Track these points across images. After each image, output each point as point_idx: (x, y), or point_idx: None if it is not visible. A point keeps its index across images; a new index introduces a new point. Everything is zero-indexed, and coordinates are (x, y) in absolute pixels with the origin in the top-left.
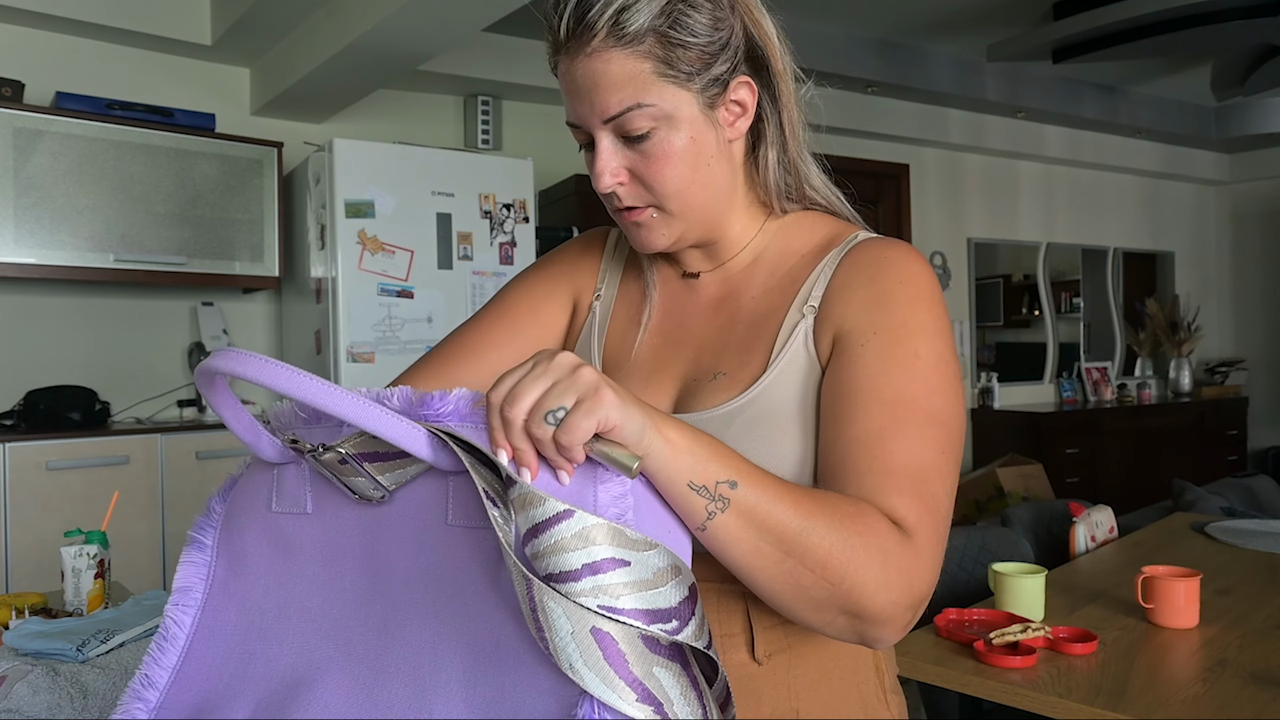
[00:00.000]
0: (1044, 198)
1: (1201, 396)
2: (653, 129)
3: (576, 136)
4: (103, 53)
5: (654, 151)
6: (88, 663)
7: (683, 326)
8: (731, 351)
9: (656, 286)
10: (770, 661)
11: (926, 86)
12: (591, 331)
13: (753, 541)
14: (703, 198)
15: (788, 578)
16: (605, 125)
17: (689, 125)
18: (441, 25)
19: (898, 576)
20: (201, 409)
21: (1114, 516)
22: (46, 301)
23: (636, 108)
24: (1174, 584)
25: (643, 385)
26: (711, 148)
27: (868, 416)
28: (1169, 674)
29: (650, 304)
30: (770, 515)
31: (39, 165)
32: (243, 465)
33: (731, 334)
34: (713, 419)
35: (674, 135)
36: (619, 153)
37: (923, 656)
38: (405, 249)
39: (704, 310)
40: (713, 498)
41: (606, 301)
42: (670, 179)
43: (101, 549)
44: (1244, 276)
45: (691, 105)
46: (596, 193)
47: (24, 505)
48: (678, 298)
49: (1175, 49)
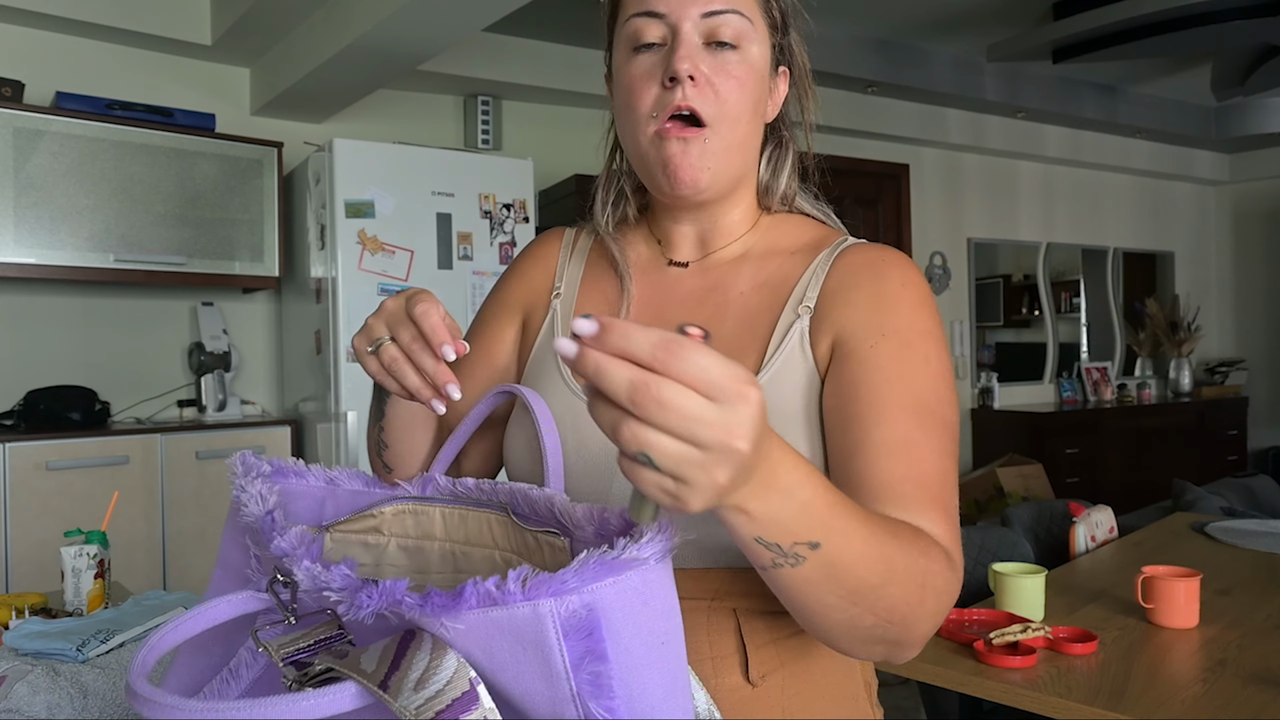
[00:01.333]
0: (1044, 198)
1: (1201, 396)
2: (740, 44)
3: (644, 31)
4: (103, 53)
5: (733, 65)
6: (88, 663)
7: (663, 319)
8: (719, 347)
9: (633, 277)
10: (764, 683)
11: (927, 86)
12: (554, 328)
13: (820, 593)
14: (743, 135)
15: (849, 621)
16: (701, 20)
17: (760, 66)
18: (441, 25)
19: (943, 610)
20: (201, 409)
21: (1114, 516)
22: (46, 301)
23: (738, 13)
24: (1174, 584)
25: None
26: (763, 102)
27: (892, 422)
28: (1169, 674)
29: (628, 295)
30: (850, 572)
31: (39, 165)
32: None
33: (719, 329)
34: None
35: (751, 61)
36: (699, 54)
37: (923, 657)
38: (405, 249)
39: (687, 302)
40: (784, 554)
41: (568, 298)
42: (737, 99)
43: (101, 549)
44: (1244, 276)
45: (765, 52)
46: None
47: (24, 505)
48: (658, 288)
49: (1175, 49)
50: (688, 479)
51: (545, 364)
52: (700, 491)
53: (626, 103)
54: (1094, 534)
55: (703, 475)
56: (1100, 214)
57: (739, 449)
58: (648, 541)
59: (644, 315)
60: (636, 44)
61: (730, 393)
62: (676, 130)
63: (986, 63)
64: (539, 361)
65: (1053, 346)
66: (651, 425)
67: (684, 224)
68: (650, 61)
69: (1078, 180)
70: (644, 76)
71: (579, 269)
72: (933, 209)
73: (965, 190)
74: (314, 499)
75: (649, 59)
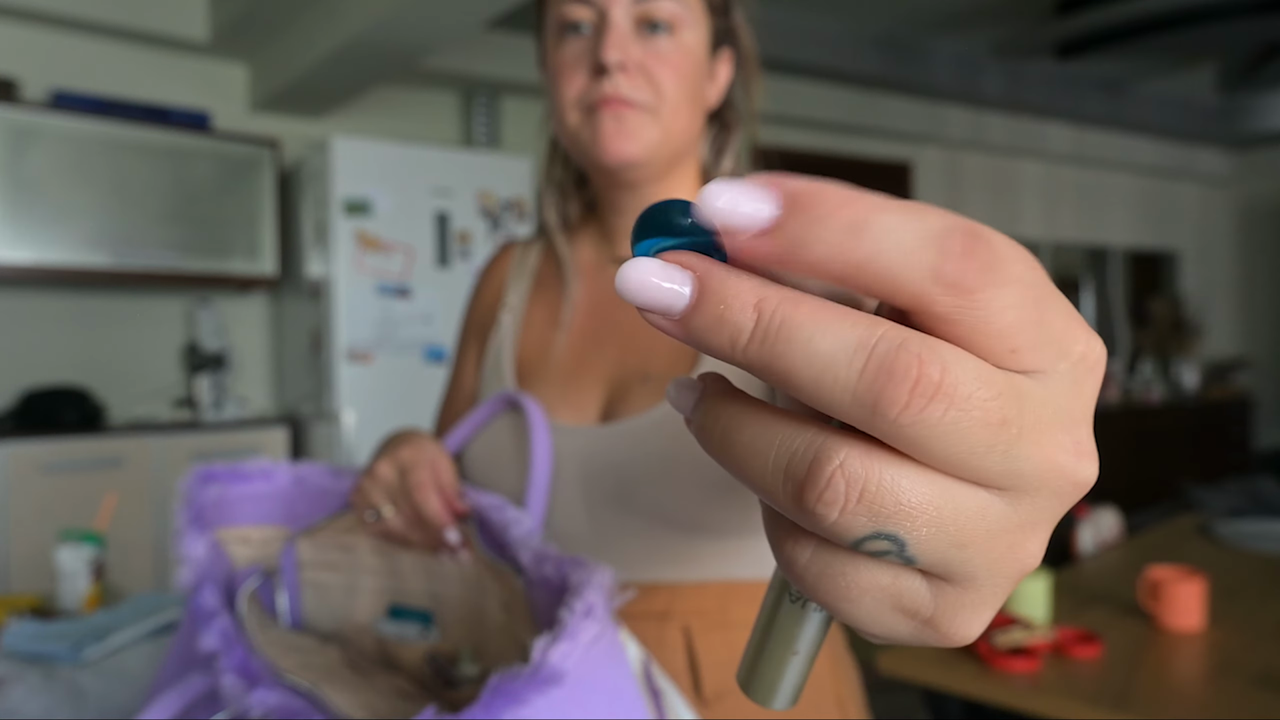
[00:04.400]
0: (1047, 196)
1: (1207, 397)
2: (675, 25)
3: (571, 13)
4: (98, 50)
5: (669, 51)
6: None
7: (608, 322)
8: (660, 351)
9: (579, 279)
10: (720, 703)
11: (929, 83)
12: (502, 342)
13: None
14: (684, 124)
15: None
16: (633, 3)
17: (697, 49)
18: (440, 22)
19: None
20: (197, 409)
21: (1119, 518)
22: (42, 301)
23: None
24: (1179, 586)
25: (562, 389)
26: (702, 84)
27: None
28: (1174, 677)
29: (569, 300)
30: None
31: (34, 164)
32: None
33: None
34: (641, 427)
35: (687, 46)
36: (631, 40)
37: (926, 659)
38: (403, 247)
39: (629, 304)
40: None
41: (515, 308)
42: (674, 85)
43: (97, 550)
44: (1250, 276)
45: (703, 35)
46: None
47: (20, 507)
48: (605, 288)
49: (1180, 46)
50: (977, 573)
51: (492, 378)
52: (997, 592)
53: (554, 90)
54: (1099, 535)
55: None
56: (1104, 212)
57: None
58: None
59: (589, 320)
60: (564, 27)
61: (1051, 348)
62: (616, 106)
63: (990, 60)
64: (489, 375)
65: None
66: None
67: (625, 214)
68: (579, 47)
69: (1081, 178)
70: (572, 64)
71: (527, 279)
72: None
73: (967, 188)
74: (283, 500)
75: (577, 44)
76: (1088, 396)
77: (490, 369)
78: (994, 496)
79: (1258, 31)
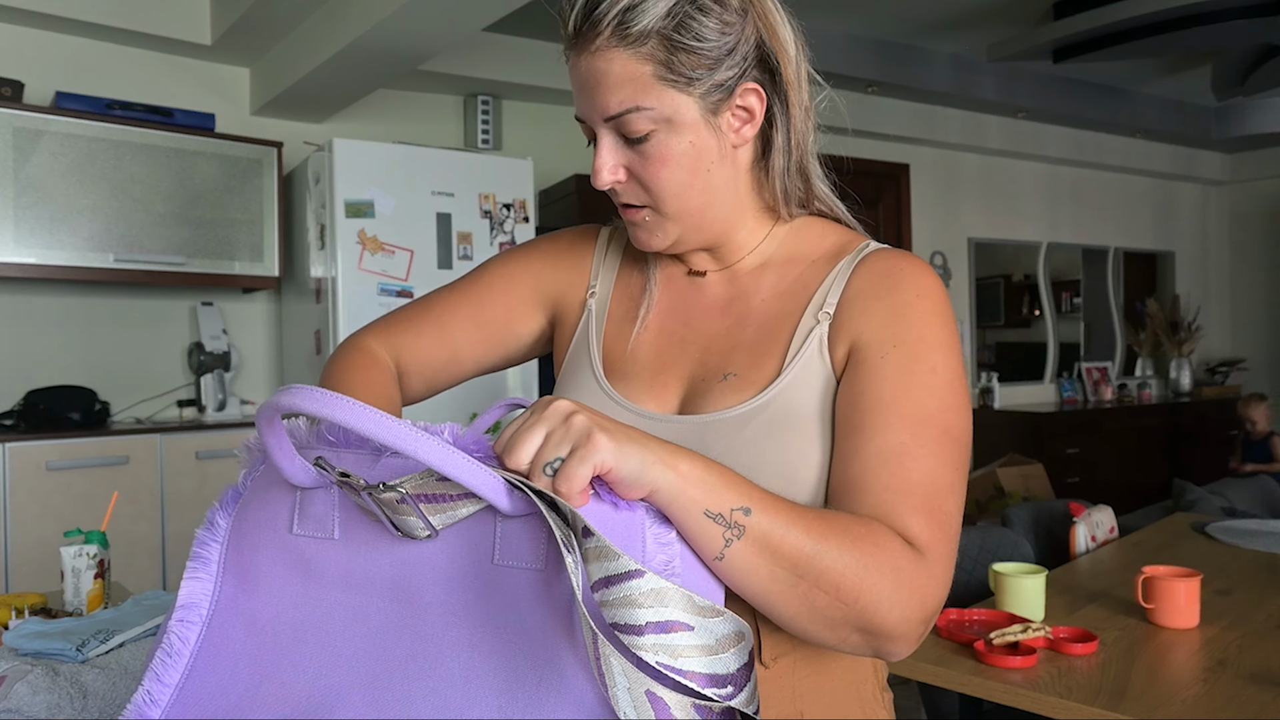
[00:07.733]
0: (1044, 197)
1: (1202, 397)
2: (652, 131)
3: (584, 131)
4: (102, 52)
5: (652, 154)
6: (88, 663)
7: (688, 325)
8: (741, 352)
9: (659, 284)
10: (776, 665)
11: (926, 86)
12: (589, 329)
13: (768, 568)
14: (700, 202)
15: (803, 600)
16: (606, 124)
17: (690, 130)
18: (441, 25)
19: (910, 594)
20: (201, 409)
21: (1114, 516)
22: (46, 302)
23: (636, 110)
24: (1174, 584)
25: (648, 384)
26: (713, 153)
27: (889, 431)
28: (1169, 674)
29: (650, 300)
30: (784, 540)
31: (39, 165)
32: (245, 479)
33: (741, 335)
34: (726, 421)
35: (673, 139)
36: (619, 151)
37: (923, 657)
38: (405, 249)
39: (711, 310)
40: (729, 525)
41: (602, 299)
42: (667, 182)
43: (101, 549)
44: (1244, 276)
45: (693, 110)
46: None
47: (24, 505)
48: (684, 296)
49: (1175, 49)
50: (571, 443)
51: (579, 363)
52: (586, 444)
53: None
54: (1094, 534)
55: (569, 433)
56: (1101, 214)
57: (561, 409)
58: None
59: (669, 321)
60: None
61: (536, 407)
62: (627, 214)
63: (986, 62)
64: (575, 360)
65: (1053, 346)
66: (519, 450)
67: (689, 249)
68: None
69: (1078, 180)
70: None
71: (613, 270)
72: (932, 209)
73: (965, 190)
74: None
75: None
76: (549, 404)
77: (576, 353)
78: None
79: (1252, 35)
